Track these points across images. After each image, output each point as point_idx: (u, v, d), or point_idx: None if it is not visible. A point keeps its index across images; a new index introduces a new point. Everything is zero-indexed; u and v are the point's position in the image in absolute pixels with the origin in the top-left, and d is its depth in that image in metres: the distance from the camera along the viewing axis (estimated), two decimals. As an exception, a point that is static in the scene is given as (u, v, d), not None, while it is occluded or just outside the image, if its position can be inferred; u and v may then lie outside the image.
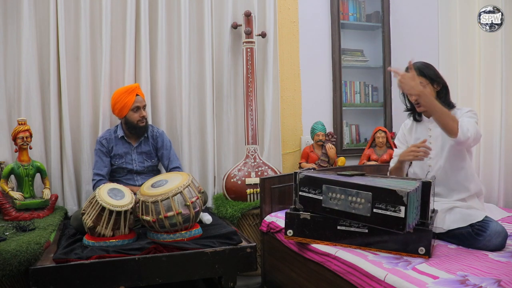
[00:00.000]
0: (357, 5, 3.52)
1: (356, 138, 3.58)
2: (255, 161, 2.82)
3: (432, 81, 1.91)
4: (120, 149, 2.52)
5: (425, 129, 2.00)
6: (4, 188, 2.27)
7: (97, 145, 2.52)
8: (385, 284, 1.40)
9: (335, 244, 1.76)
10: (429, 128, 1.98)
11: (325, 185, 1.74)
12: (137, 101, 2.47)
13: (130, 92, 2.47)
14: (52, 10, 2.56)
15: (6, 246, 1.74)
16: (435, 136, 1.94)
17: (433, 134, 1.96)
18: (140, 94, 2.51)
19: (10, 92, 2.55)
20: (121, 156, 2.52)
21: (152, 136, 2.60)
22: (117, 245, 1.94)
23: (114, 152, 2.51)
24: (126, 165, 2.52)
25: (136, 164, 2.54)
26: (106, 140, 2.52)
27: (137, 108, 2.47)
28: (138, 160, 2.55)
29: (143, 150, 2.57)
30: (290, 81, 3.27)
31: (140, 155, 2.56)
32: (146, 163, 2.57)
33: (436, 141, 1.94)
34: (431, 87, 1.91)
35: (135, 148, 2.55)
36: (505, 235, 1.66)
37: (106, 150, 2.51)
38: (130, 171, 2.54)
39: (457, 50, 2.85)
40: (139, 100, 2.49)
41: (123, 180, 2.53)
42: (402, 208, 1.50)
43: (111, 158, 2.52)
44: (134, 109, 2.46)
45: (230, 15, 2.99)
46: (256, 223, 2.63)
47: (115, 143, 2.52)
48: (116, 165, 2.52)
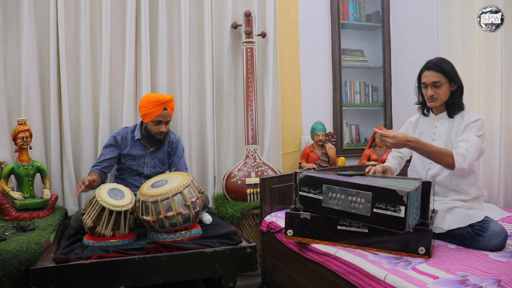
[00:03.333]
0: (357, 5, 3.52)
1: (356, 138, 3.58)
2: (255, 161, 2.83)
3: (450, 79, 1.88)
4: (135, 151, 2.47)
5: (430, 125, 2.00)
6: (4, 188, 2.27)
7: (110, 139, 2.47)
8: (385, 284, 1.40)
9: (335, 244, 1.76)
10: (434, 125, 1.98)
11: (325, 185, 1.74)
12: (161, 115, 2.37)
13: (159, 104, 2.36)
14: (52, 10, 2.56)
15: (6, 246, 1.74)
16: (440, 134, 1.94)
17: (438, 131, 1.96)
18: (169, 108, 2.40)
19: (10, 92, 2.55)
20: (134, 158, 2.48)
21: (169, 141, 2.55)
22: (117, 245, 1.94)
23: (127, 151, 2.46)
24: (137, 168, 2.48)
25: (147, 168, 2.50)
26: (121, 137, 2.47)
27: (159, 122, 2.39)
28: (150, 165, 2.51)
29: (157, 156, 2.52)
30: (290, 81, 3.27)
31: (153, 160, 2.51)
32: (158, 169, 2.52)
33: (440, 139, 1.93)
34: (448, 86, 1.89)
35: (150, 152, 2.51)
36: (505, 236, 1.67)
37: (118, 147, 2.45)
38: (140, 174, 2.50)
39: (457, 50, 2.85)
40: (164, 115, 2.38)
41: (129, 180, 2.49)
42: (402, 208, 1.50)
43: (123, 156, 2.47)
44: (155, 122, 2.39)
45: (230, 15, 2.99)
46: (256, 223, 2.63)
47: (130, 143, 2.47)
48: (127, 165, 2.48)
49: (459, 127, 1.88)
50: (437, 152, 1.75)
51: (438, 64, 1.89)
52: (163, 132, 2.42)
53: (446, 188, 1.91)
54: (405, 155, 2.15)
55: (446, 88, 1.88)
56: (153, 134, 2.43)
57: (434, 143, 1.91)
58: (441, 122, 1.95)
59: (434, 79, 1.87)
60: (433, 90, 1.89)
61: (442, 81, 1.87)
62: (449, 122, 1.93)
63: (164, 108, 2.38)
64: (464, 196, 1.86)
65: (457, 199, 1.86)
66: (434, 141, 1.94)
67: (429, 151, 1.75)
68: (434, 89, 1.88)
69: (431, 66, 1.89)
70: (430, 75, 1.89)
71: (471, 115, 1.89)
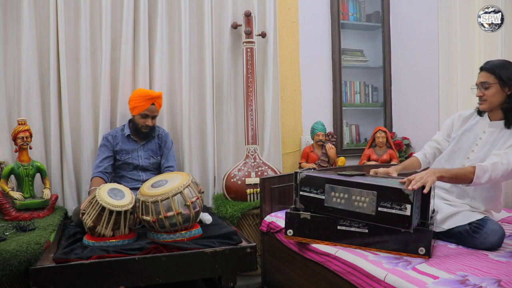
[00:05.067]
0: (357, 5, 3.52)
1: (356, 138, 3.58)
2: (255, 161, 2.82)
3: (504, 83, 1.75)
4: (127, 146, 2.58)
5: (480, 128, 1.87)
6: (4, 188, 2.27)
7: (102, 141, 2.58)
8: (385, 284, 1.40)
9: (335, 244, 1.76)
10: (484, 130, 1.85)
11: (327, 184, 1.74)
12: (149, 109, 2.50)
13: (148, 98, 2.50)
14: (52, 10, 2.56)
15: (6, 246, 1.74)
16: (485, 142, 1.82)
17: (485, 138, 1.83)
18: (157, 104, 2.54)
19: (10, 92, 2.55)
20: (127, 152, 2.58)
21: (159, 135, 2.67)
22: (117, 245, 1.94)
23: (119, 147, 2.56)
24: (132, 161, 2.57)
25: (142, 160, 2.59)
26: (112, 137, 2.58)
27: (146, 115, 2.52)
28: (144, 156, 2.60)
29: (149, 147, 2.63)
30: (290, 81, 3.27)
31: (147, 152, 2.61)
32: (152, 160, 2.62)
33: (483, 147, 1.82)
34: (499, 89, 1.77)
35: (142, 145, 2.61)
36: (502, 234, 1.67)
37: (111, 146, 2.55)
38: (136, 167, 2.58)
39: (457, 50, 2.85)
40: (151, 110, 2.52)
41: (128, 175, 2.56)
42: (408, 206, 1.52)
43: (117, 153, 2.57)
44: (142, 115, 2.52)
45: (230, 15, 2.99)
46: (256, 223, 2.63)
47: (121, 140, 2.58)
48: (122, 161, 2.57)
49: (507, 142, 1.74)
50: (464, 174, 1.64)
51: (490, 64, 1.80)
52: (148, 125, 2.54)
53: (465, 192, 1.84)
54: (443, 147, 2.03)
55: (496, 90, 1.77)
56: (139, 127, 2.55)
57: (475, 147, 1.84)
58: (491, 130, 1.82)
59: (482, 79, 1.80)
60: (481, 91, 1.81)
61: (491, 82, 1.77)
62: (501, 134, 1.79)
63: (152, 103, 2.51)
64: (479, 206, 1.81)
65: (470, 205, 1.82)
66: (477, 145, 1.84)
67: (457, 174, 1.65)
68: (483, 90, 1.80)
69: (483, 67, 1.83)
70: (481, 75, 1.82)
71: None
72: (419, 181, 1.55)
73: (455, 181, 1.68)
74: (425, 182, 1.56)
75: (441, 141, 2.06)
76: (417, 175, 1.59)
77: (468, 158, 1.85)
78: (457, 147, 1.92)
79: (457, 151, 1.91)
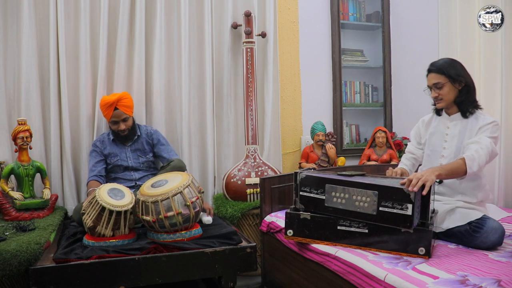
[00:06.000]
0: (357, 5, 3.52)
1: (356, 138, 3.58)
2: (255, 161, 2.82)
3: (453, 80, 1.87)
4: (114, 149, 2.60)
5: (443, 125, 1.98)
6: (4, 188, 2.27)
7: (92, 147, 2.61)
8: (385, 284, 1.40)
9: (335, 244, 1.76)
10: (447, 126, 1.96)
11: (328, 184, 1.74)
12: (114, 115, 2.49)
13: (108, 106, 2.48)
14: (52, 10, 2.56)
15: (6, 246, 1.74)
16: (452, 136, 1.92)
17: (450, 132, 1.93)
18: (121, 107, 2.48)
19: (10, 92, 2.55)
20: (115, 155, 2.59)
21: (147, 134, 2.66)
22: (117, 245, 1.94)
23: (108, 151, 2.58)
24: (121, 163, 2.59)
25: (131, 161, 2.61)
26: (100, 142, 2.61)
27: (115, 121, 2.52)
28: (132, 157, 2.62)
29: (136, 147, 2.63)
30: (290, 81, 3.27)
31: (134, 152, 2.62)
32: (141, 159, 2.63)
33: (452, 141, 1.91)
34: (451, 86, 1.88)
35: (129, 146, 2.62)
36: (502, 232, 1.67)
37: (100, 151, 2.58)
38: (126, 168, 2.60)
39: (457, 50, 2.85)
40: (117, 115, 2.49)
41: (120, 176, 2.58)
42: (409, 205, 1.53)
43: (107, 157, 2.59)
44: (112, 122, 2.53)
45: (230, 15, 2.99)
46: (256, 223, 2.63)
47: (108, 144, 2.60)
48: (112, 163, 2.59)
49: (473, 129, 1.85)
50: (458, 169, 1.70)
51: (437, 65, 1.91)
52: (122, 129, 2.52)
53: (454, 190, 1.89)
54: (418, 156, 2.10)
55: (449, 88, 1.88)
56: (116, 132, 2.56)
57: (445, 144, 1.91)
58: (454, 123, 1.93)
59: (434, 80, 1.91)
60: (436, 92, 1.91)
61: (443, 81, 1.88)
62: (463, 124, 1.90)
63: (114, 108, 2.48)
64: (471, 199, 1.85)
65: (463, 201, 1.85)
66: (445, 142, 1.92)
67: (449, 168, 1.69)
68: (437, 91, 1.90)
69: (430, 69, 1.93)
70: (431, 77, 1.93)
71: (486, 117, 1.86)
72: (419, 181, 1.57)
73: (452, 175, 1.73)
74: (425, 181, 1.57)
75: (414, 150, 2.12)
76: (416, 174, 1.61)
77: (443, 156, 1.93)
78: (430, 150, 2.00)
79: (431, 154, 1.99)
